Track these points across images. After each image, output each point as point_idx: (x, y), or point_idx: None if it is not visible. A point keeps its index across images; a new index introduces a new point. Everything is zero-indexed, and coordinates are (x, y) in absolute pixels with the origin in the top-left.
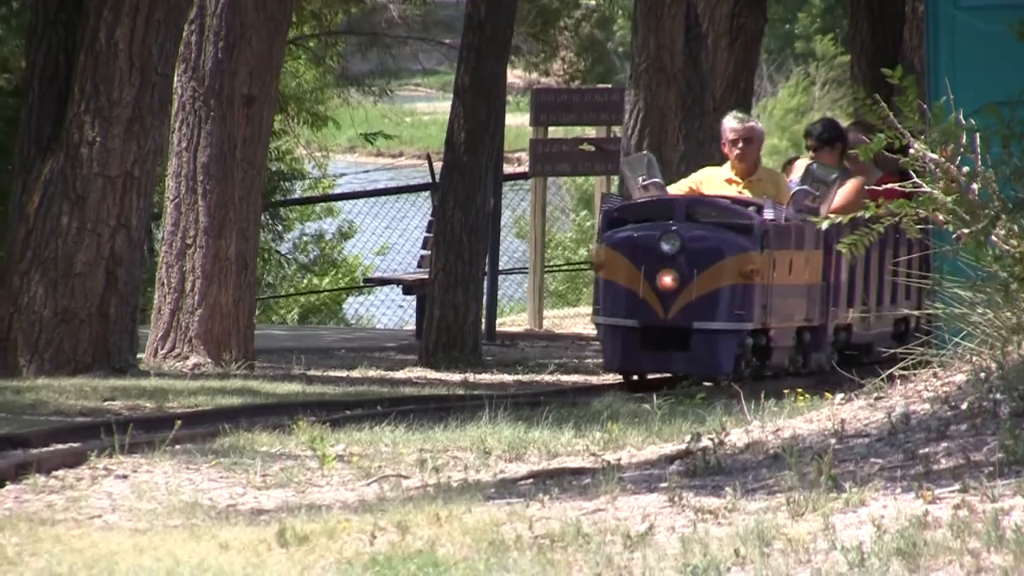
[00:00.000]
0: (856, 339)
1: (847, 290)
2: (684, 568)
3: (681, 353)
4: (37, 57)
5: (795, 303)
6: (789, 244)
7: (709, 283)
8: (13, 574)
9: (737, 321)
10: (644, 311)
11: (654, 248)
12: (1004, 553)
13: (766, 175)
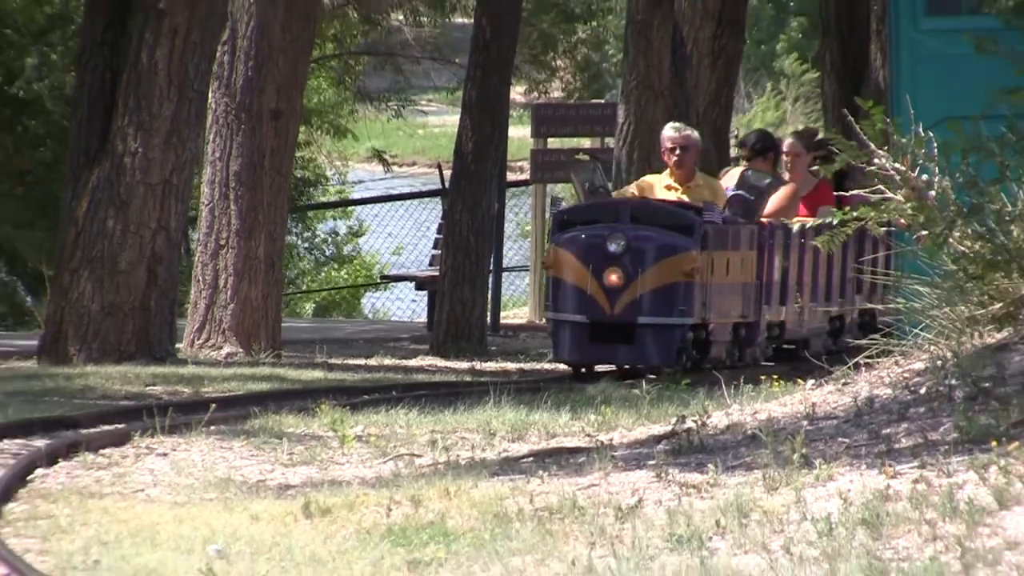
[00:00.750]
0: (790, 335)
1: (780, 289)
2: (670, 537)
3: (626, 346)
4: (85, 76)
5: (731, 300)
6: (726, 245)
7: (652, 281)
8: (66, 541)
9: (678, 316)
10: (592, 307)
11: (601, 248)
12: (958, 523)
13: (703, 181)
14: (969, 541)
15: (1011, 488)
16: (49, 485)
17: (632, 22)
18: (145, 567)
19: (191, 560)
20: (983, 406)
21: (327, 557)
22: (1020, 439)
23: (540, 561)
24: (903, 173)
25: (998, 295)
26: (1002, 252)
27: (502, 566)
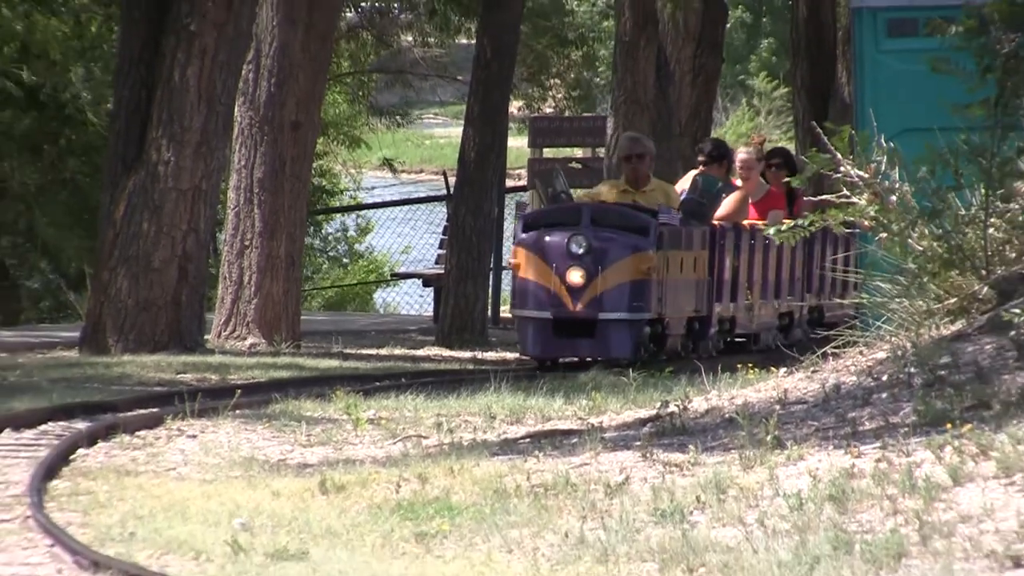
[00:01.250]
0: (741, 329)
1: (730, 286)
2: (654, 512)
3: (588, 340)
4: (123, 92)
5: (685, 296)
6: (680, 245)
7: (612, 279)
8: (104, 515)
9: (636, 312)
10: (556, 304)
11: (564, 249)
12: (916, 498)
13: (657, 186)
14: (926, 515)
15: (964, 466)
16: (89, 464)
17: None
18: (176, 539)
19: (218, 532)
20: (939, 392)
21: (342, 530)
22: (972, 422)
23: (536, 533)
24: (867, 180)
25: (953, 291)
26: (957, 252)
27: (501, 537)
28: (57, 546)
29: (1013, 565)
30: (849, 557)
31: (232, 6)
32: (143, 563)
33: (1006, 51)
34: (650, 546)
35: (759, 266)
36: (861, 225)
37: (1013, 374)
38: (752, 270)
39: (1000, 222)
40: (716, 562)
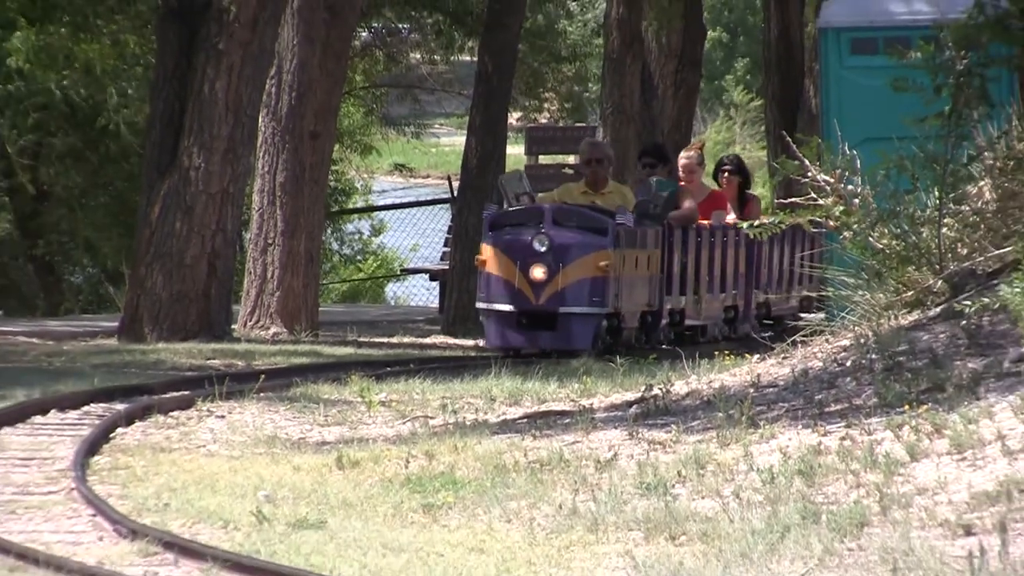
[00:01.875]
0: (689, 321)
1: (679, 281)
2: (640, 485)
3: (549, 332)
4: (158, 104)
5: (639, 292)
6: (635, 244)
7: (572, 275)
8: (141, 488)
9: (595, 306)
10: (519, 298)
11: (527, 247)
12: (877, 472)
13: (615, 188)
14: (886, 488)
15: (920, 444)
16: (127, 441)
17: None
18: (206, 509)
19: (244, 503)
20: (898, 376)
21: (356, 501)
22: (928, 403)
23: (532, 504)
24: (832, 184)
25: (910, 285)
26: (913, 249)
27: (501, 509)
28: (98, 516)
29: (964, 533)
30: (816, 526)
31: (256, 27)
32: (176, 531)
33: (959, 69)
34: (636, 516)
35: (706, 263)
36: (827, 225)
37: (964, 360)
38: (699, 266)
39: (952, 222)
40: (696, 531)
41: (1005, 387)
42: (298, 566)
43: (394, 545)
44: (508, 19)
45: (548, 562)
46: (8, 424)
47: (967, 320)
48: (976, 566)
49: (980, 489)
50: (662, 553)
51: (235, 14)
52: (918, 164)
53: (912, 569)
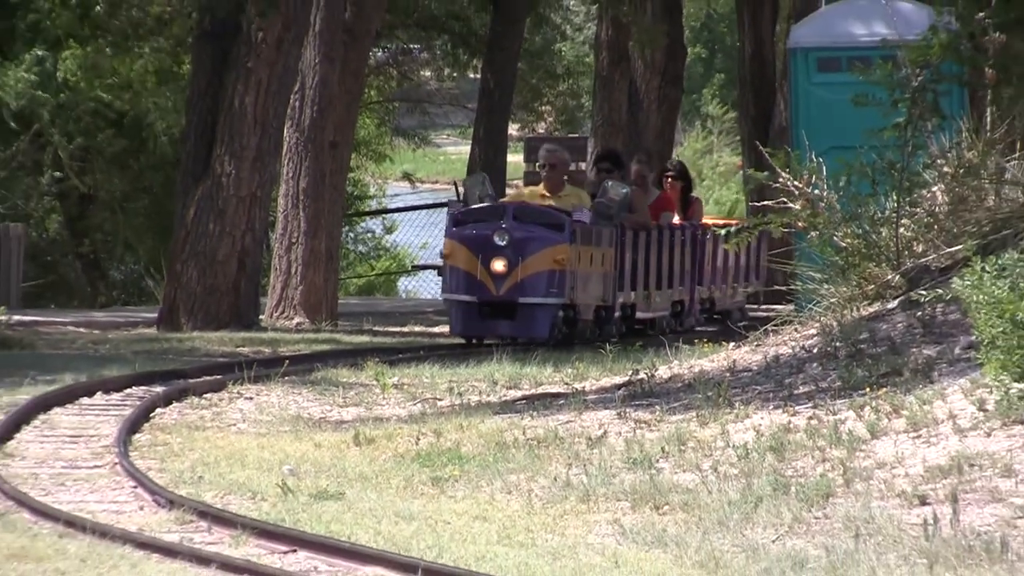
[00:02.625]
0: (640, 314)
1: (630, 277)
2: (628, 460)
3: (509, 321)
4: (192, 117)
5: (594, 286)
6: (591, 242)
7: (531, 268)
8: (177, 462)
9: (552, 297)
10: (481, 289)
11: (489, 241)
12: (841, 449)
13: (571, 191)
14: (849, 462)
15: (880, 423)
16: (165, 421)
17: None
18: (236, 481)
19: (270, 476)
20: (859, 362)
21: (371, 474)
22: (887, 386)
23: (530, 478)
24: (800, 189)
25: (871, 279)
26: (873, 248)
27: (502, 481)
28: (139, 487)
29: (920, 503)
30: (786, 497)
31: (282, 47)
32: (209, 501)
33: (914, 86)
34: (624, 488)
35: (655, 260)
36: (796, 226)
37: (920, 347)
38: (649, 264)
39: (909, 223)
40: (678, 501)
41: (956, 372)
42: (319, 532)
43: (405, 514)
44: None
45: (544, 529)
46: (58, 405)
47: (922, 311)
48: (930, 532)
49: (934, 463)
50: (647, 521)
51: (263, 36)
52: (878, 171)
53: (873, 535)
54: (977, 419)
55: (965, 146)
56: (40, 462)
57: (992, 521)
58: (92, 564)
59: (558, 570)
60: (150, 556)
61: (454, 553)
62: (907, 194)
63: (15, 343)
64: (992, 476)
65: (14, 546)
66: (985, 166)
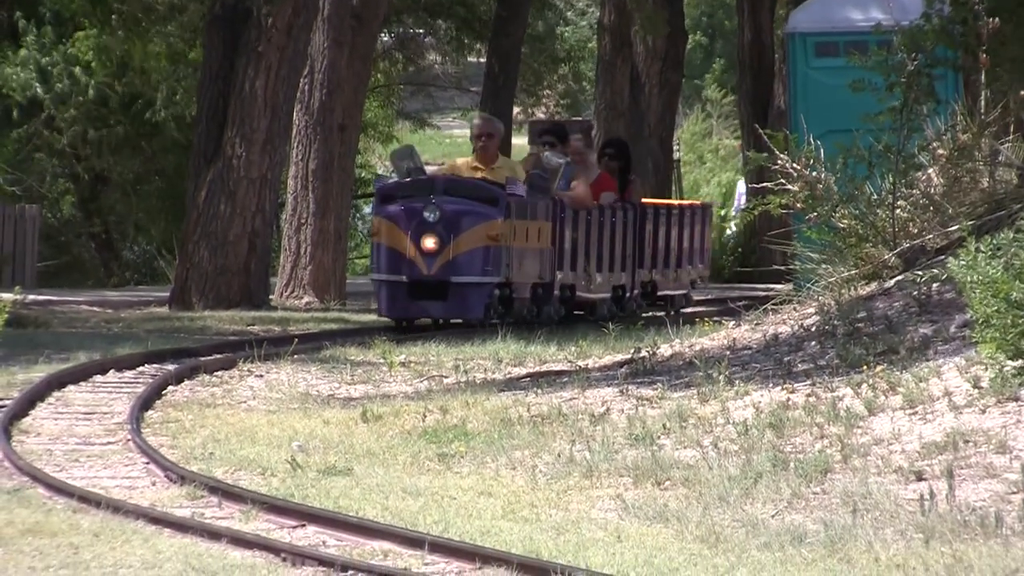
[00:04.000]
0: (580, 298)
1: (570, 256)
2: (630, 436)
3: (441, 302)
4: (204, 101)
5: (531, 264)
6: (526, 216)
7: (463, 245)
8: (189, 439)
9: (486, 276)
10: (411, 268)
11: (419, 217)
12: (839, 425)
13: (505, 163)
14: (847, 439)
15: (877, 400)
16: (177, 398)
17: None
18: (246, 458)
19: (280, 453)
20: (857, 340)
21: (379, 451)
22: (883, 364)
23: (535, 454)
24: (799, 171)
25: (867, 260)
26: (870, 229)
27: (507, 457)
28: (151, 463)
29: (916, 478)
30: (785, 472)
31: (291, 32)
32: (220, 477)
33: (909, 70)
34: (626, 464)
35: (595, 240)
36: (795, 207)
37: (916, 326)
38: (589, 242)
39: (905, 204)
40: (679, 477)
41: (951, 350)
42: (327, 508)
43: (412, 489)
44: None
45: (548, 504)
46: (72, 383)
47: (918, 291)
48: (927, 507)
49: (930, 440)
50: (649, 496)
51: (273, 21)
52: (874, 153)
53: (870, 510)
54: (972, 396)
55: (959, 129)
56: (54, 438)
57: (987, 496)
58: (105, 539)
59: (562, 544)
60: (162, 531)
61: (460, 528)
62: (903, 176)
63: (30, 322)
64: (987, 452)
65: (29, 521)
66: (979, 148)
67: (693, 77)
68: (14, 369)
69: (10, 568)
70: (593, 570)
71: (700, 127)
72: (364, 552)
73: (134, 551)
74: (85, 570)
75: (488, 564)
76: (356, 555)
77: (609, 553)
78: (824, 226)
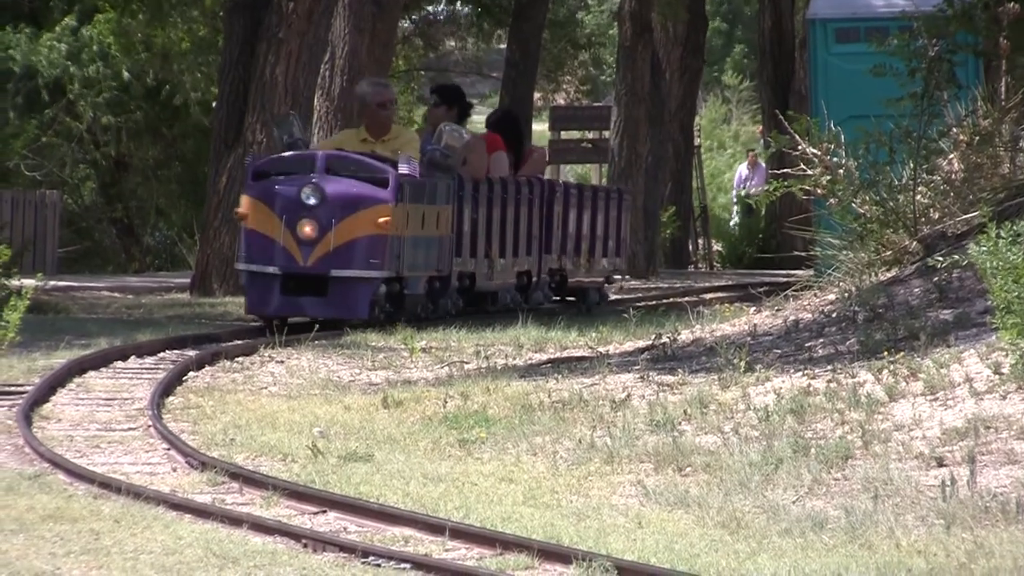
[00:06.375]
0: (480, 287)
1: (470, 242)
2: (651, 422)
3: (319, 299)
4: (224, 87)
5: (427, 254)
6: (422, 199)
7: (346, 233)
8: (209, 425)
9: (372, 269)
10: (285, 258)
11: (295, 199)
12: (859, 411)
13: (398, 134)
14: (868, 425)
15: (898, 386)
16: (197, 384)
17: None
18: (267, 444)
19: (301, 439)
20: (878, 326)
21: (400, 437)
22: (904, 350)
23: (555, 440)
24: (820, 156)
25: (888, 245)
26: (891, 214)
27: (528, 443)
28: (172, 449)
29: (937, 464)
30: (806, 458)
31: (312, 18)
32: (241, 463)
33: (930, 56)
34: (647, 450)
35: (498, 220)
36: (815, 192)
37: (936, 311)
38: (491, 224)
39: (925, 190)
40: (700, 463)
41: (972, 336)
42: (348, 494)
43: (433, 475)
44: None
45: (569, 490)
46: (93, 369)
47: (939, 276)
48: (947, 493)
49: (951, 426)
50: (670, 482)
51: (293, 7)
52: (895, 139)
53: (891, 496)
54: (993, 382)
55: (980, 114)
56: (75, 425)
57: (1008, 482)
58: (126, 525)
59: (583, 530)
60: (183, 517)
61: (481, 514)
62: (924, 162)
63: (51, 308)
64: (1008, 438)
65: (50, 507)
66: (1000, 134)
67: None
68: (35, 355)
69: (31, 553)
70: (614, 556)
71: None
72: (385, 538)
73: (155, 537)
74: (106, 556)
75: (509, 550)
76: (377, 541)
77: (630, 539)
78: (845, 212)
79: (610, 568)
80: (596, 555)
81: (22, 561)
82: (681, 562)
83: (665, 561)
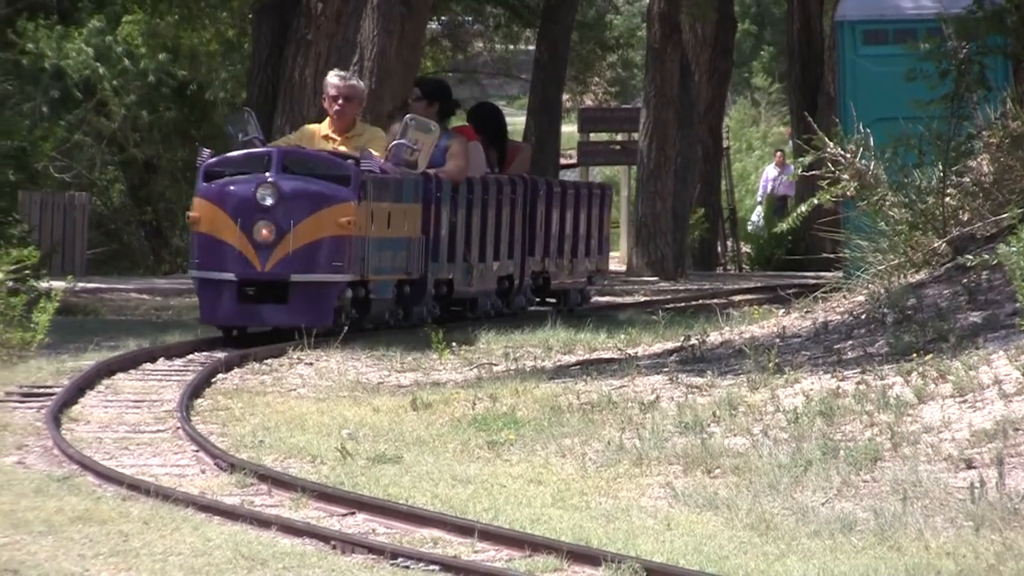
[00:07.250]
0: (459, 294)
1: (448, 246)
2: (679, 424)
3: (280, 306)
4: (253, 88)
5: (394, 256)
6: (387, 197)
7: (306, 235)
8: (239, 427)
9: (335, 273)
10: (241, 264)
11: (251, 200)
12: (888, 413)
13: (363, 130)
14: (897, 427)
15: (927, 388)
16: (226, 386)
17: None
18: (296, 446)
19: (329, 441)
20: (907, 328)
21: (429, 439)
22: (933, 352)
23: (584, 442)
24: (848, 159)
25: (917, 247)
26: (920, 216)
27: (557, 445)
28: (201, 451)
29: (966, 467)
30: (835, 460)
31: (341, 20)
32: (270, 465)
33: (960, 58)
34: (676, 452)
35: (477, 225)
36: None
37: (965, 314)
38: (470, 228)
39: (955, 192)
40: (729, 465)
41: (1001, 338)
42: (377, 495)
43: (462, 477)
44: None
45: (598, 492)
46: (122, 370)
47: (968, 278)
48: (976, 496)
49: (980, 428)
50: (699, 484)
51: (322, 9)
52: (924, 141)
53: (920, 498)
54: (1022, 384)
55: (1010, 117)
56: (104, 426)
57: None
58: (155, 526)
59: (611, 532)
60: (211, 518)
61: (510, 516)
62: (953, 164)
63: (80, 310)
64: None
65: (79, 508)
66: None
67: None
68: (64, 357)
69: (60, 555)
70: (643, 557)
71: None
72: (414, 540)
73: (184, 539)
74: (135, 558)
75: (538, 552)
76: (406, 542)
77: (659, 541)
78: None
79: (639, 570)
80: (625, 557)
81: (51, 563)
82: (710, 564)
83: (694, 563)
